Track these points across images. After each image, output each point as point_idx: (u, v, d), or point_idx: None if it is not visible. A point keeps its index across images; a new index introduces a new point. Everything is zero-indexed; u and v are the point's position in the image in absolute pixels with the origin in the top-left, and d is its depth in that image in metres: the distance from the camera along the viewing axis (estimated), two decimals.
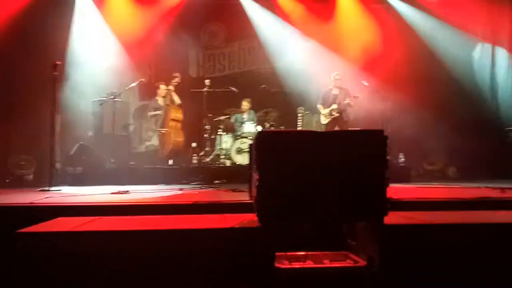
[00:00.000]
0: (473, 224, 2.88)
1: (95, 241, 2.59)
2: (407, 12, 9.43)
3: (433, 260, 2.70)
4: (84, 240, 2.59)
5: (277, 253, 2.74)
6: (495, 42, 9.20)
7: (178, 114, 8.21)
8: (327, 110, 8.43)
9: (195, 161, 8.24)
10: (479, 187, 5.58)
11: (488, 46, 9.26)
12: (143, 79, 8.59)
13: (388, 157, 2.81)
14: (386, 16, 9.56)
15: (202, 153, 8.27)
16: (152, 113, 8.51)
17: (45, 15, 8.40)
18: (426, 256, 2.70)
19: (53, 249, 2.54)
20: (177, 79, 8.32)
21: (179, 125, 8.21)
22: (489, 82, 9.23)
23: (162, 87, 8.47)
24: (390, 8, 9.58)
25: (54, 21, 8.49)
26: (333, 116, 8.34)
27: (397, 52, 9.03)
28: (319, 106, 8.59)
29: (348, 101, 8.18)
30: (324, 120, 8.51)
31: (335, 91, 8.43)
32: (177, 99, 8.39)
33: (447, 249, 2.72)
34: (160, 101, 8.50)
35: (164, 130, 8.07)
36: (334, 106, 8.33)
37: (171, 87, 8.33)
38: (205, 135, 8.49)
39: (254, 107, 9.04)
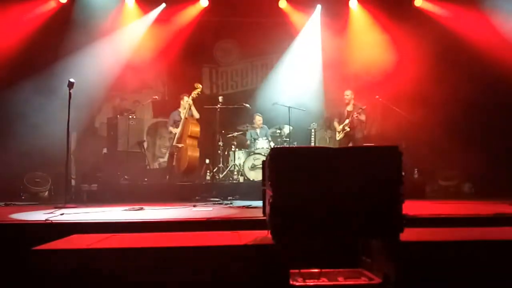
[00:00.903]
0: (490, 241, 2.83)
1: (110, 258, 2.60)
2: (421, 27, 9.40)
3: (449, 278, 2.65)
4: (99, 258, 2.60)
5: (291, 270, 2.72)
6: None
7: (196, 129, 8.07)
8: (340, 126, 8.45)
9: (208, 178, 8.25)
10: (496, 203, 5.49)
11: None
12: (156, 97, 8.66)
13: (403, 173, 2.79)
14: (399, 32, 9.56)
15: (215, 169, 8.28)
16: (172, 129, 8.33)
17: (62, 33, 8.57)
18: (443, 274, 2.66)
19: (68, 266, 2.55)
20: (198, 90, 8.13)
21: (195, 142, 8.14)
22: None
23: (186, 98, 8.28)
24: (404, 24, 9.57)
25: (71, 39, 8.66)
26: (345, 131, 8.35)
27: (411, 68, 9.00)
28: (335, 123, 8.64)
29: (357, 116, 8.20)
30: (338, 136, 8.53)
31: (349, 108, 8.49)
32: (196, 113, 8.29)
33: (464, 266, 2.67)
34: (182, 113, 8.30)
35: (180, 145, 8.04)
36: (346, 121, 8.36)
37: (190, 100, 8.16)
38: (218, 151, 8.51)
39: (267, 123, 9.07)
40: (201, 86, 8.29)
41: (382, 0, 9.40)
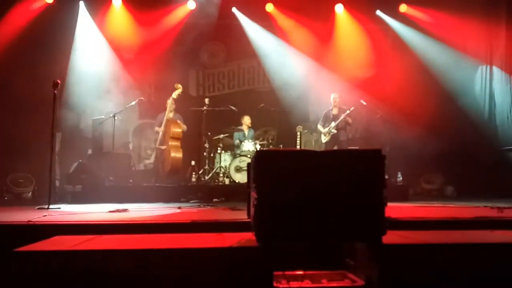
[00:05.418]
0: (471, 244, 2.87)
1: (93, 260, 2.58)
2: (405, 33, 9.51)
3: (431, 280, 2.69)
4: (81, 259, 2.58)
5: (275, 273, 2.73)
6: (492, 63, 9.27)
7: (177, 130, 7.99)
8: (326, 129, 8.51)
9: (194, 179, 8.23)
10: (477, 207, 5.58)
11: (486, 67, 9.32)
12: (142, 98, 8.61)
13: (386, 176, 2.83)
14: (384, 37, 9.67)
15: (201, 171, 8.26)
16: (158, 128, 8.24)
17: (47, 34, 8.50)
18: (424, 276, 2.69)
19: (50, 268, 2.53)
20: (179, 90, 8.08)
21: (178, 143, 8.07)
22: (488, 102, 9.26)
23: (169, 101, 8.21)
24: (389, 29, 9.68)
25: (56, 40, 8.59)
26: (331, 134, 8.42)
27: (395, 72, 9.11)
28: (319, 126, 8.69)
29: (345, 119, 8.28)
30: (324, 139, 8.58)
31: (335, 111, 8.56)
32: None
33: (445, 269, 2.71)
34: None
35: (163, 147, 7.98)
36: (332, 124, 8.42)
37: (170, 101, 8.06)
38: (204, 153, 8.49)
39: (253, 126, 9.08)
40: (181, 86, 8.18)
41: (367, 5, 9.50)
